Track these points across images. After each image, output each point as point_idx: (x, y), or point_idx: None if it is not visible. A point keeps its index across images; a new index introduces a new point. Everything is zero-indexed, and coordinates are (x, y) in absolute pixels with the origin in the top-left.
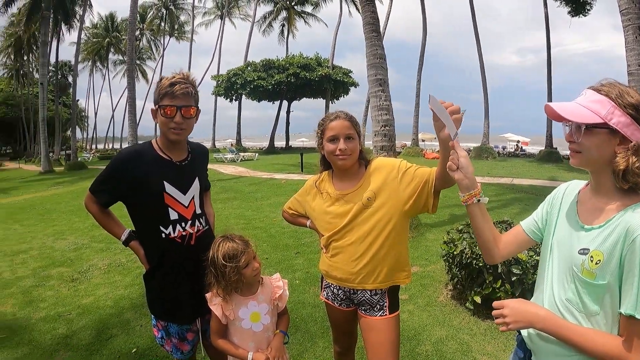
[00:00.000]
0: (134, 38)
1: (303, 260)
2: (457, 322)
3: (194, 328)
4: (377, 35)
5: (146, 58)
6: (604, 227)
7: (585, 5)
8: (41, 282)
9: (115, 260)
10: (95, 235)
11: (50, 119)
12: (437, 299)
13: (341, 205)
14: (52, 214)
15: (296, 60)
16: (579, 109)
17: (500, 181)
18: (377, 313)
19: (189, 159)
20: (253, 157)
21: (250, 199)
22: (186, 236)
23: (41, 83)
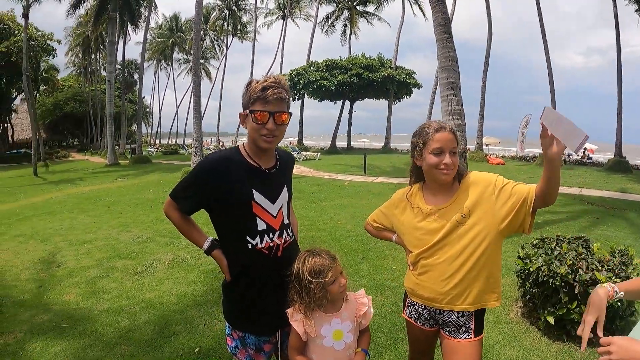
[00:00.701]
0: (199, 38)
1: (369, 266)
2: (527, 342)
3: (272, 340)
4: (449, 37)
5: (210, 57)
6: None
7: None
8: (105, 274)
9: (180, 255)
10: (159, 229)
11: (117, 114)
12: (507, 315)
13: (433, 221)
14: (117, 206)
15: (359, 60)
16: None
17: (568, 191)
18: (462, 335)
19: (278, 166)
20: (315, 156)
21: (314, 200)
22: (273, 247)
23: (108, 80)
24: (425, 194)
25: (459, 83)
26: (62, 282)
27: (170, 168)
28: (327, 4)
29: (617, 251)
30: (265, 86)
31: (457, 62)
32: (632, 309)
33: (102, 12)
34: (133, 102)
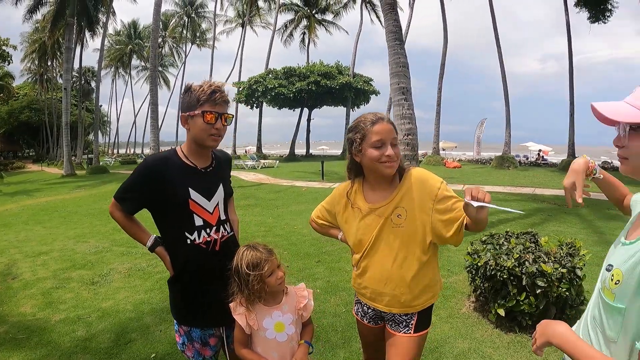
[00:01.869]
0: (156, 45)
1: (324, 269)
2: (479, 334)
3: (216, 333)
4: (400, 43)
5: (168, 65)
6: (635, 244)
7: (606, 11)
8: (61, 284)
9: (136, 264)
10: (116, 238)
11: (73, 123)
12: (459, 310)
13: (372, 220)
14: (74, 217)
15: (317, 68)
16: (624, 108)
17: (522, 191)
18: (402, 330)
19: (213, 165)
20: (274, 164)
21: (271, 207)
22: (211, 242)
23: (65, 88)
24: (365, 192)
25: (409, 88)
26: (17, 294)
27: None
28: (286, 12)
29: (564, 244)
30: (214, 90)
31: (407, 67)
32: (582, 297)
33: (59, 18)
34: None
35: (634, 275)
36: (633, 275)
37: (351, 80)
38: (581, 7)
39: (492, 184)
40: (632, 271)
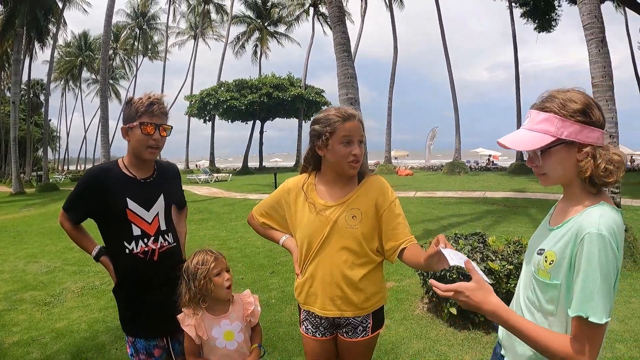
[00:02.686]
0: (107, 57)
1: (279, 279)
2: (434, 334)
3: (160, 344)
4: (348, 55)
5: (119, 77)
6: (560, 228)
7: (551, 21)
8: (13, 306)
9: (89, 283)
10: (67, 258)
11: (22, 138)
12: (413, 312)
13: (324, 218)
14: (24, 237)
15: (269, 80)
16: (528, 135)
17: (473, 195)
18: (359, 335)
19: (154, 176)
20: (227, 177)
21: (225, 220)
22: (149, 252)
23: (13, 102)
24: (319, 187)
25: (357, 98)
26: None
27: None
28: (238, 24)
29: (511, 242)
30: (152, 102)
31: (355, 78)
32: None
33: (8, 28)
34: (39, 126)
35: (565, 254)
36: (564, 254)
37: (303, 92)
38: (527, 18)
39: (444, 190)
40: (564, 251)
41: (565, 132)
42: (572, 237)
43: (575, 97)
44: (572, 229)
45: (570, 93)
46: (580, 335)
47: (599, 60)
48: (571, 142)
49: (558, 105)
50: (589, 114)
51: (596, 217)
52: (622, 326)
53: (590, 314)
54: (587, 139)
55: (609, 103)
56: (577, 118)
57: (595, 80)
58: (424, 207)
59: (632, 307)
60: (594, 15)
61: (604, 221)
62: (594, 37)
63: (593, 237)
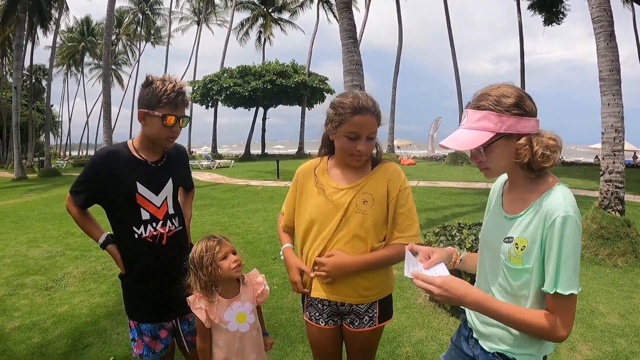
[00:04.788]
0: (109, 42)
1: (281, 265)
2: (436, 323)
3: (167, 326)
4: (354, 42)
5: (122, 63)
6: (524, 216)
7: (559, 14)
8: (15, 291)
9: (90, 267)
10: (69, 242)
11: (24, 124)
12: (415, 301)
13: (335, 201)
14: (25, 222)
15: (272, 67)
16: (469, 135)
17: (476, 186)
18: (365, 325)
19: (164, 160)
20: (229, 164)
21: (227, 206)
22: (157, 236)
23: (15, 87)
24: (332, 170)
25: (363, 86)
26: None
27: None
28: (242, 10)
29: None
30: (177, 92)
31: (361, 65)
32: None
33: (10, 13)
34: (41, 111)
35: (536, 238)
36: (535, 239)
37: (306, 79)
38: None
39: (447, 180)
40: (534, 236)
41: (503, 126)
42: (540, 221)
43: (507, 92)
44: (539, 214)
45: (502, 89)
46: (559, 308)
47: (607, 53)
48: (509, 135)
49: (493, 102)
50: (523, 106)
51: (561, 199)
52: (623, 321)
53: (570, 289)
54: (524, 129)
55: (615, 97)
56: (513, 112)
57: (603, 73)
58: (426, 197)
59: (633, 302)
60: (603, 8)
61: (568, 202)
62: (603, 30)
63: (564, 220)
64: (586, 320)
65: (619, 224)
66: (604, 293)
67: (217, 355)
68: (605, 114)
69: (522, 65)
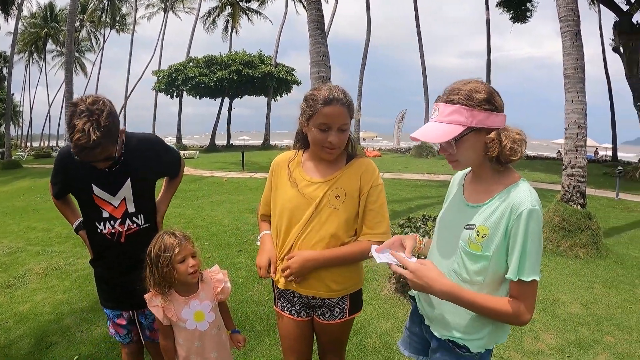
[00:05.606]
0: (73, 29)
1: (246, 258)
2: (402, 314)
3: (125, 315)
4: (322, 33)
5: (85, 50)
6: (487, 205)
7: (526, 12)
8: None
9: (53, 263)
10: (30, 237)
11: None
12: (381, 292)
13: (307, 197)
14: None
15: (239, 57)
16: (441, 127)
17: (440, 178)
18: (336, 317)
19: (120, 162)
20: (194, 155)
21: (191, 198)
22: (115, 233)
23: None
24: (306, 164)
25: (330, 77)
26: None
27: (42, 173)
28: None
29: None
30: (79, 149)
31: (328, 57)
32: None
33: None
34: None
35: (499, 228)
36: (498, 228)
37: (273, 70)
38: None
39: (412, 172)
40: (497, 225)
41: (474, 120)
42: (505, 212)
43: (478, 88)
44: (504, 205)
45: (472, 84)
46: (522, 294)
47: (573, 52)
48: (480, 129)
49: (464, 96)
50: (493, 102)
51: (527, 194)
52: (585, 310)
53: (533, 276)
54: (494, 124)
55: (579, 95)
56: (484, 107)
57: (568, 71)
58: (391, 189)
59: (594, 292)
60: (571, 8)
61: (534, 197)
62: (569, 29)
63: (530, 213)
64: (549, 309)
65: (581, 216)
66: (566, 283)
67: (178, 352)
68: (569, 110)
69: (488, 62)
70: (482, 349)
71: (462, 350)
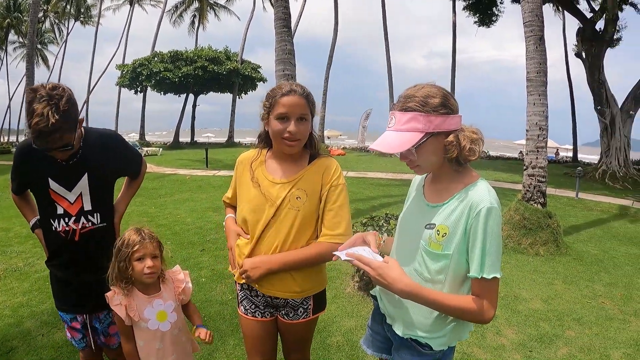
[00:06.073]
0: (36, 20)
1: (209, 257)
2: (365, 312)
3: (79, 318)
4: (288, 30)
5: (48, 42)
6: (447, 205)
7: (492, 16)
8: None
9: (12, 264)
10: None
11: None
12: (344, 290)
13: (268, 198)
14: None
15: (205, 52)
16: (399, 137)
17: (404, 177)
18: (300, 317)
19: (78, 155)
20: (157, 152)
21: (154, 196)
22: (69, 231)
23: None
24: (269, 163)
25: (294, 75)
26: None
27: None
28: None
29: None
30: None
31: (294, 55)
32: None
33: None
34: None
35: (458, 226)
36: (458, 227)
37: (239, 66)
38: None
39: (375, 170)
40: (457, 224)
41: (431, 126)
42: (464, 210)
43: (432, 92)
44: (464, 203)
45: (426, 89)
46: (484, 292)
47: (536, 56)
48: (438, 133)
49: (419, 103)
50: (448, 105)
51: (485, 192)
52: (545, 306)
53: (494, 273)
54: (450, 127)
55: (541, 97)
56: (440, 111)
57: (530, 75)
58: (355, 187)
59: (554, 288)
60: (536, 14)
61: (492, 195)
62: (533, 34)
63: (489, 211)
64: (510, 305)
65: (541, 215)
66: (527, 280)
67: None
68: (531, 112)
69: (453, 63)
70: (444, 347)
71: (424, 349)
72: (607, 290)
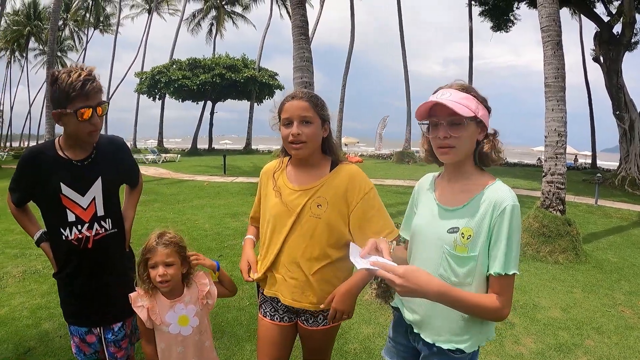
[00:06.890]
0: (56, 28)
1: (227, 263)
2: (383, 319)
3: (94, 331)
4: (306, 38)
5: (68, 50)
6: (468, 206)
7: (508, 22)
8: None
9: (31, 267)
10: (8, 240)
11: None
12: (362, 298)
13: (289, 206)
14: None
15: (222, 60)
16: (459, 105)
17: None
18: (320, 324)
19: (92, 157)
20: (175, 158)
21: (172, 202)
22: (82, 239)
23: None
24: (290, 171)
25: (312, 82)
26: None
27: None
28: (195, 0)
29: None
30: (84, 80)
31: (311, 62)
32: None
33: None
34: None
35: (482, 227)
36: (482, 227)
37: (256, 74)
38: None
39: (393, 178)
40: (481, 224)
41: (480, 112)
42: (487, 210)
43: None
44: (486, 204)
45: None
46: (504, 288)
47: (554, 62)
48: (479, 123)
49: (473, 90)
50: (488, 106)
51: (507, 191)
52: (564, 315)
53: (513, 269)
54: (488, 125)
55: (559, 103)
56: (486, 105)
57: (549, 80)
58: None
59: (574, 297)
60: (553, 18)
61: (513, 194)
62: (551, 39)
63: (513, 208)
64: (529, 314)
65: (560, 222)
66: (546, 288)
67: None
68: (549, 118)
69: (470, 69)
70: (475, 348)
71: (455, 354)
72: (627, 298)
